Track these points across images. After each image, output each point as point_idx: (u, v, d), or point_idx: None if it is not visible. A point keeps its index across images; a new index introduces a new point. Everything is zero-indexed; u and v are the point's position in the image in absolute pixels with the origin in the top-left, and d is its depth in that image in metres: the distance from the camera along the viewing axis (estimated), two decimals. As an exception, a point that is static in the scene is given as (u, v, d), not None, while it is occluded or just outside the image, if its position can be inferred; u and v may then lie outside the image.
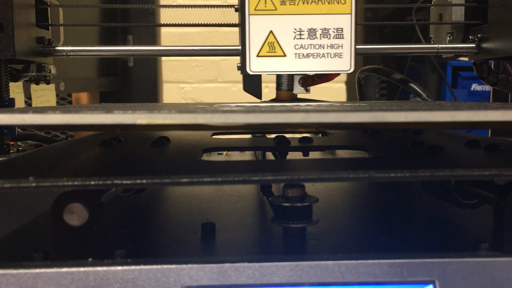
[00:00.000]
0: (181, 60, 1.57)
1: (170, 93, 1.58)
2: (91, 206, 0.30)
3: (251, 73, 0.49)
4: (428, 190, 0.42)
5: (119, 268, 0.30)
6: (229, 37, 1.54)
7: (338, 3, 0.48)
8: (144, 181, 0.29)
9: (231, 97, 1.55)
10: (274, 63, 0.49)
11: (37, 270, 0.29)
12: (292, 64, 0.49)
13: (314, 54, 0.49)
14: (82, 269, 0.29)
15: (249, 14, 0.48)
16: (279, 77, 0.56)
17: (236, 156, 0.65)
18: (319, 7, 0.48)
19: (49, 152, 0.46)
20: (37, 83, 0.66)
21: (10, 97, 0.60)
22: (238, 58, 0.52)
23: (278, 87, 0.56)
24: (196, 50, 0.70)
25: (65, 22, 0.68)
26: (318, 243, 0.34)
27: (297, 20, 0.48)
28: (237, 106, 0.39)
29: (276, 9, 0.48)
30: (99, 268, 0.29)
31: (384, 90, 1.56)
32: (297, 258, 0.31)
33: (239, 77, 0.52)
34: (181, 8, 0.77)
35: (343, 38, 0.49)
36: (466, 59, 0.70)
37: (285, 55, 0.49)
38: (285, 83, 0.55)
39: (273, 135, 0.53)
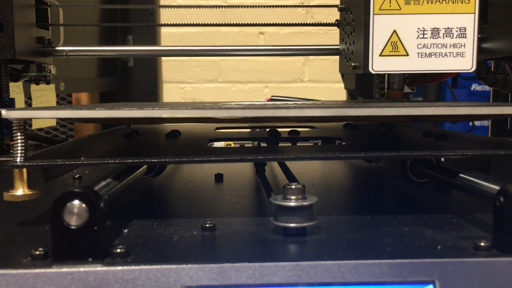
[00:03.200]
0: (181, 60, 1.57)
1: (170, 93, 1.58)
2: (91, 206, 0.30)
3: (373, 72, 0.49)
4: (394, 174, 0.51)
5: (119, 268, 0.30)
6: (229, 37, 1.54)
7: (462, 3, 0.48)
8: (168, 159, 0.37)
9: (231, 97, 1.55)
10: (396, 63, 0.49)
11: (37, 270, 0.29)
12: (414, 64, 0.49)
13: (437, 54, 0.49)
14: (82, 269, 0.29)
15: (374, 14, 0.48)
16: (390, 76, 0.56)
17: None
18: (443, 6, 0.48)
19: (83, 143, 0.52)
20: (37, 83, 0.66)
21: (10, 97, 0.60)
22: (238, 59, 0.52)
23: (390, 86, 0.56)
24: (196, 50, 0.70)
25: (65, 22, 0.68)
26: (318, 243, 0.34)
27: (421, 19, 0.49)
28: (236, 104, 0.46)
29: (400, 9, 0.48)
30: (99, 268, 0.29)
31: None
32: (297, 258, 0.31)
33: (239, 77, 0.52)
34: (181, 8, 0.77)
35: (465, 37, 0.49)
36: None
37: (407, 55, 0.49)
38: (396, 82, 0.56)
39: (267, 129, 0.61)
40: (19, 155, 0.37)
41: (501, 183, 0.33)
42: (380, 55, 0.49)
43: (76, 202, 0.30)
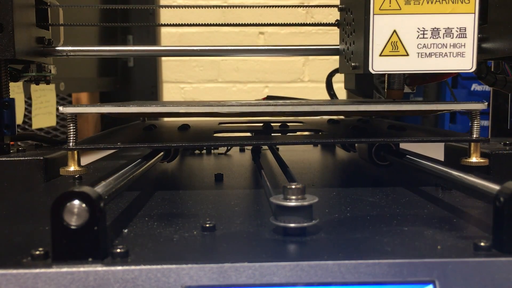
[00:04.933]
0: (181, 60, 1.57)
1: (170, 93, 1.58)
2: (91, 206, 0.30)
3: (373, 72, 0.49)
4: (363, 158, 0.65)
5: (119, 268, 0.30)
6: (229, 37, 1.54)
7: (462, 3, 0.48)
8: (184, 144, 0.50)
9: (231, 97, 1.55)
10: (396, 63, 0.49)
11: (37, 270, 0.29)
12: (415, 64, 0.49)
13: (437, 54, 0.49)
14: (82, 269, 0.29)
15: (374, 14, 0.48)
16: (390, 76, 0.56)
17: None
18: (443, 6, 0.48)
19: (113, 133, 0.61)
20: (37, 83, 0.66)
21: (10, 97, 0.60)
22: (238, 59, 0.53)
23: (389, 86, 0.56)
24: (196, 50, 0.70)
25: (65, 22, 0.68)
26: (318, 243, 0.34)
27: (421, 19, 0.49)
28: (236, 101, 0.54)
29: (400, 9, 0.48)
30: (99, 268, 0.29)
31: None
32: (297, 258, 0.31)
33: (239, 77, 0.53)
34: (181, 8, 0.77)
35: (465, 37, 0.49)
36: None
37: (407, 55, 0.49)
38: (396, 82, 0.56)
39: (260, 123, 0.72)
40: (71, 140, 0.46)
41: (501, 183, 0.33)
42: (380, 55, 0.49)
43: (76, 202, 0.30)
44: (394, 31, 0.49)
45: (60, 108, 0.47)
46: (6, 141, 0.59)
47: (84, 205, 0.30)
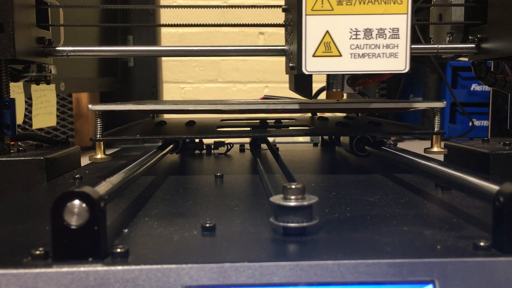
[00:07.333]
0: (181, 60, 1.57)
1: (170, 93, 1.58)
2: (91, 206, 0.30)
3: (306, 73, 0.49)
4: (346, 150, 0.71)
5: (119, 268, 0.30)
6: (229, 37, 1.54)
7: (394, 3, 0.48)
8: (192, 136, 0.62)
9: (231, 97, 1.55)
10: (330, 63, 0.49)
11: (37, 270, 0.29)
12: (348, 64, 0.49)
13: (370, 54, 0.49)
14: (82, 269, 0.29)
15: (306, 15, 0.48)
16: (329, 77, 0.56)
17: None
18: (376, 7, 0.48)
19: (130, 128, 0.68)
20: (38, 83, 0.66)
21: (11, 97, 0.60)
22: (238, 59, 0.53)
23: (329, 87, 0.56)
24: (196, 50, 0.70)
25: (65, 23, 0.68)
26: (318, 243, 0.34)
27: (354, 20, 0.48)
28: (236, 100, 0.63)
29: (332, 9, 0.48)
30: (99, 268, 0.29)
31: (384, 90, 1.56)
32: (297, 258, 0.31)
33: (239, 77, 0.54)
34: (181, 8, 0.77)
35: (398, 38, 0.48)
36: (466, 59, 0.70)
37: (340, 55, 0.49)
38: (335, 83, 0.56)
39: (258, 120, 0.80)
40: (98, 133, 0.55)
41: (501, 183, 0.33)
42: (313, 55, 0.48)
43: (77, 202, 0.30)
44: (327, 31, 0.48)
45: (90, 106, 0.54)
46: (7, 141, 0.59)
47: (84, 205, 0.30)
